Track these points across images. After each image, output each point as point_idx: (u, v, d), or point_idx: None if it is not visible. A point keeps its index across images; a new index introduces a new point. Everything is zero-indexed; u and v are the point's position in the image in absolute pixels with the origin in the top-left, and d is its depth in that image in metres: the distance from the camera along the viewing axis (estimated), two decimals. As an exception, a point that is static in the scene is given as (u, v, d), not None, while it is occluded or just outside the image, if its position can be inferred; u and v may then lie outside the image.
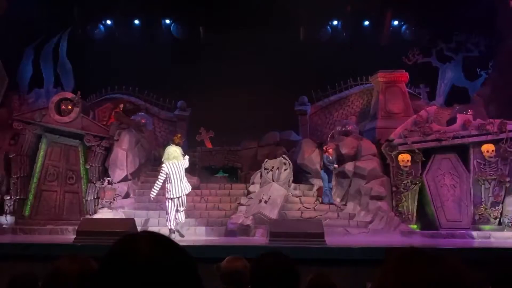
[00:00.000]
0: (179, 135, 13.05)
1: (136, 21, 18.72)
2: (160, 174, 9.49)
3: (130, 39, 18.15)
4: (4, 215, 11.41)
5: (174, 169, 9.30)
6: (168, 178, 9.33)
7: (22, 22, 15.06)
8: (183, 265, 1.04)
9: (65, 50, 17.03)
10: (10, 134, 12.62)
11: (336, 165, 11.71)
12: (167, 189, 9.38)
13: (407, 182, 11.57)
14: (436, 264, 1.04)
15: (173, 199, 9.36)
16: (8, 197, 11.59)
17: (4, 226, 11.04)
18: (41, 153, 12.13)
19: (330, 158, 11.68)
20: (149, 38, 18.35)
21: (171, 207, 9.39)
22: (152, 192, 9.71)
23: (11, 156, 11.94)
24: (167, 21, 18.81)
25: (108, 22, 18.67)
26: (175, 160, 9.37)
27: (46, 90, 16.11)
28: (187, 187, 9.51)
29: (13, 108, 14.51)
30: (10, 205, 11.52)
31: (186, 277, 1.02)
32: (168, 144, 10.28)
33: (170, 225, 9.44)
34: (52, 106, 12.28)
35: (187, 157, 10.03)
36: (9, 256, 6.23)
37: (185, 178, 9.53)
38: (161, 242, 1.06)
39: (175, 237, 9.12)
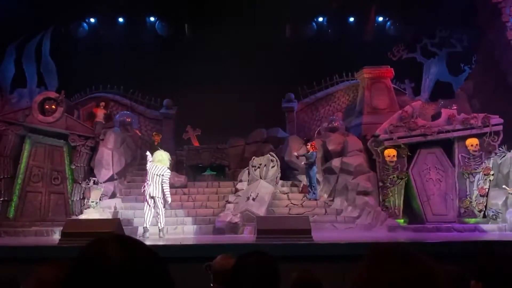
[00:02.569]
0: (156, 133, 13.45)
1: (120, 19, 18.54)
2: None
3: (114, 37, 17.96)
4: (-12, 217, 11.22)
5: (153, 170, 9.73)
6: (146, 176, 9.82)
7: (3, 20, 14.79)
8: (153, 267, 1.03)
9: (48, 49, 16.78)
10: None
11: (295, 153, 11.86)
12: (144, 187, 9.84)
13: (393, 177, 11.68)
14: (408, 263, 1.04)
15: (146, 198, 9.75)
16: (-8, 199, 11.40)
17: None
18: (25, 154, 11.93)
19: (307, 154, 11.62)
20: (133, 36, 18.18)
21: (146, 207, 9.77)
22: None
23: (-6, 158, 11.74)
24: (152, 19, 18.67)
25: (92, 20, 18.45)
26: (159, 164, 9.80)
27: (29, 90, 15.87)
28: (157, 191, 9.69)
29: (-5, 108, 14.27)
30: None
31: (156, 279, 1.01)
32: (156, 149, 10.86)
33: (146, 224, 9.72)
34: (35, 106, 12.09)
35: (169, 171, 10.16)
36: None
37: (159, 183, 9.72)
38: (128, 245, 1.05)
39: (148, 236, 9.47)
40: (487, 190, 11.39)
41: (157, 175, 9.65)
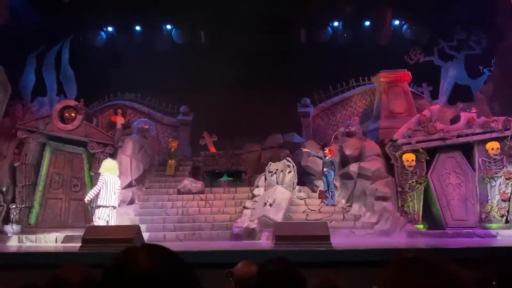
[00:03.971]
0: (172, 139, 13.76)
1: (137, 27, 18.81)
2: (99, 181, 9.72)
3: (131, 45, 18.22)
4: (10, 223, 11.43)
5: (111, 180, 9.69)
6: (104, 187, 9.60)
7: (23, 30, 15.15)
8: (182, 275, 1.05)
9: (67, 57, 17.15)
10: (14, 143, 12.65)
11: (305, 150, 12.12)
12: (101, 197, 9.57)
13: (412, 182, 11.53)
14: (435, 273, 1.04)
15: (106, 207, 9.55)
16: (14, 206, 11.61)
17: (10, 235, 11.06)
18: (45, 161, 12.14)
19: (326, 159, 11.61)
20: (150, 44, 18.42)
21: (102, 215, 9.57)
22: (88, 196, 9.87)
23: (15, 165, 11.97)
24: (168, 27, 18.89)
25: (110, 29, 18.77)
26: (112, 172, 9.80)
27: (49, 98, 16.21)
28: (116, 201, 9.79)
29: (16, 117, 14.58)
30: (15, 214, 11.54)
31: (185, 287, 1.03)
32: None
33: None
34: (55, 114, 12.31)
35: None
36: (15, 265, 6.23)
37: (116, 193, 9.79)
38: (160, 254, 1.07)
39: None
40: (509, 194, 11.16)
41: (113, 184, 9.63)
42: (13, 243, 10.52)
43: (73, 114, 12.37)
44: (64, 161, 12.32)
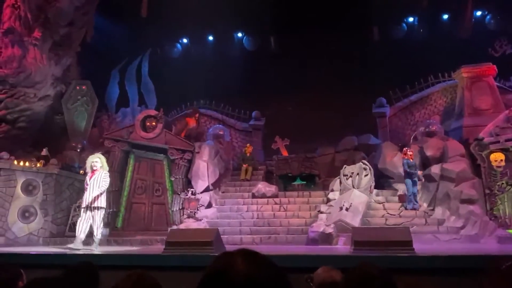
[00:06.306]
0: (249, 145, 14.09)
1: (210, 37, 19.47)
2: (107, 181, 9.22)
3: (205, 54, 18.91)
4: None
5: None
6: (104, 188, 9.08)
7: (107, 47, 16.32)
8: (278, 281, 1.05)
9: (146, 70, 18.21)
10: (102, 152, 13.59)
11: (420, 172, 11.14)
12: (103, 199, 9.10)
13: (502, 183, 10.69)
14: None
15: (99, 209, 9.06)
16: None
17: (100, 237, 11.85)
18: (130, 168, 12.90)
19: (411, 161, 11.11)
20: (222, 52, 18.96)
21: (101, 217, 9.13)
22: (100, 192, 9.03)
23: (104, 172, 12.83)
24: (239, 35, 19.32)
25: (185, 40, 19.64)
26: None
27: (132, 109, 17.27)
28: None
29: (103, 127, 15.72)
30: (105, 218, 12.36)
31: None
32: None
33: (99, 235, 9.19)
34: (138, 124, 13.06)
35: None
36: (109, 266, 6.66)
37: None
38: (256, 260, 1.08)
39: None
40: None
41: None
42: (102, 245, 11.26)
43: (154, 123, 13.04)
44: (147, 167, 13.01)
